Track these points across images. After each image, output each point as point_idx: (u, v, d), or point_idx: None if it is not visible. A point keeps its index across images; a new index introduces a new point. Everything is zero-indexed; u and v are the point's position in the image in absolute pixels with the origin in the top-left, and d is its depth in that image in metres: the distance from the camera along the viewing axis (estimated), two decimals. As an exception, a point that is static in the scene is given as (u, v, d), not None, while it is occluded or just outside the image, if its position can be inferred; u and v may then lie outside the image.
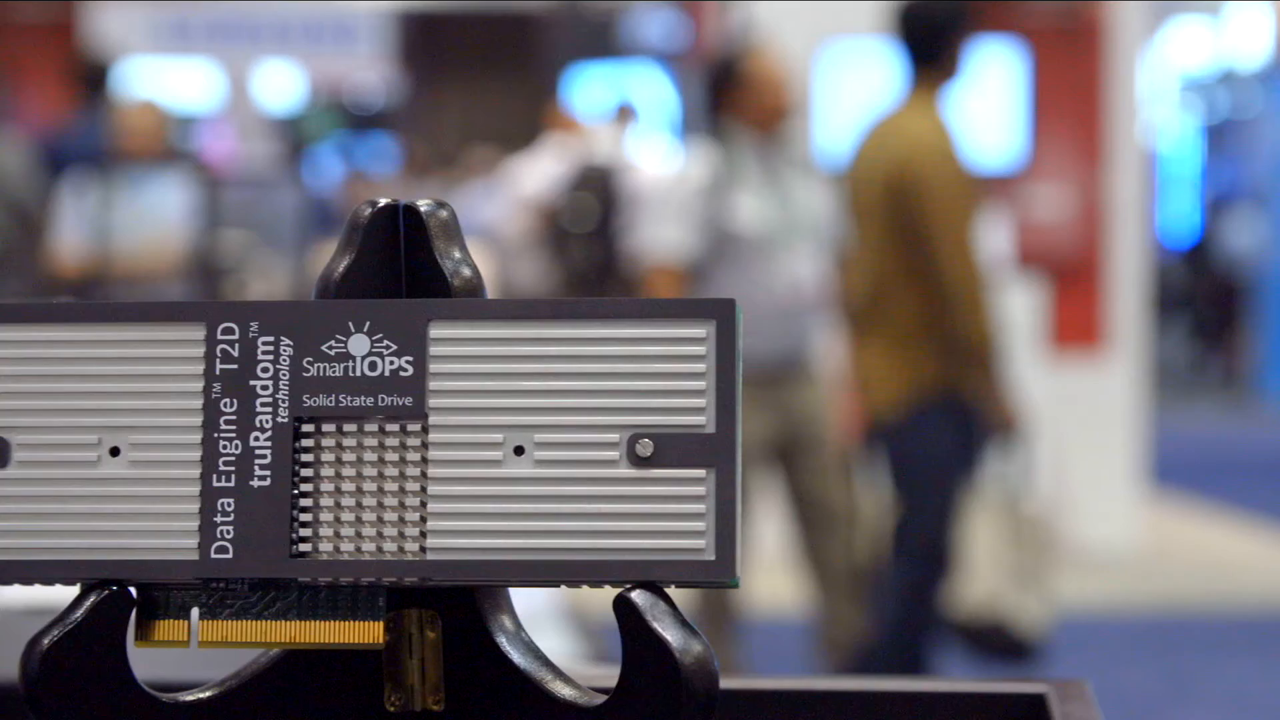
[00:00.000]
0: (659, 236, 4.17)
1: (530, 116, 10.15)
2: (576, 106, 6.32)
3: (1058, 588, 4.15)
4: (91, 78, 6.57)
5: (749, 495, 4.21)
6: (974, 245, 3.72)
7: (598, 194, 5.45)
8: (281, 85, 14.30)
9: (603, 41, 11.81)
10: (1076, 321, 6.40)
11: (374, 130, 14.98)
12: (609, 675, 0.77)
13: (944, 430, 3.75)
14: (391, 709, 0.74)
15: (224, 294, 5.81)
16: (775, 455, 4.22)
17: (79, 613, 0.71)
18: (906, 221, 3.73)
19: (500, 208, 6.45)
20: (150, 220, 5.49)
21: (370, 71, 14.29)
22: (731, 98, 4.14)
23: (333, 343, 0.71)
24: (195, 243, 5.63)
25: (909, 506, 3.82)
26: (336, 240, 0.76)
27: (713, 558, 0.69)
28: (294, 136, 14.29)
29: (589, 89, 10.00)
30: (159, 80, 10.27)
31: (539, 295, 4.59)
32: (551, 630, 2.23)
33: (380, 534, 0.70)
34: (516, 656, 0.73)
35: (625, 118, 5.85)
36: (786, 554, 4.58)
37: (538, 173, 5.66)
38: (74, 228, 5.40)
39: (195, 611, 0.72)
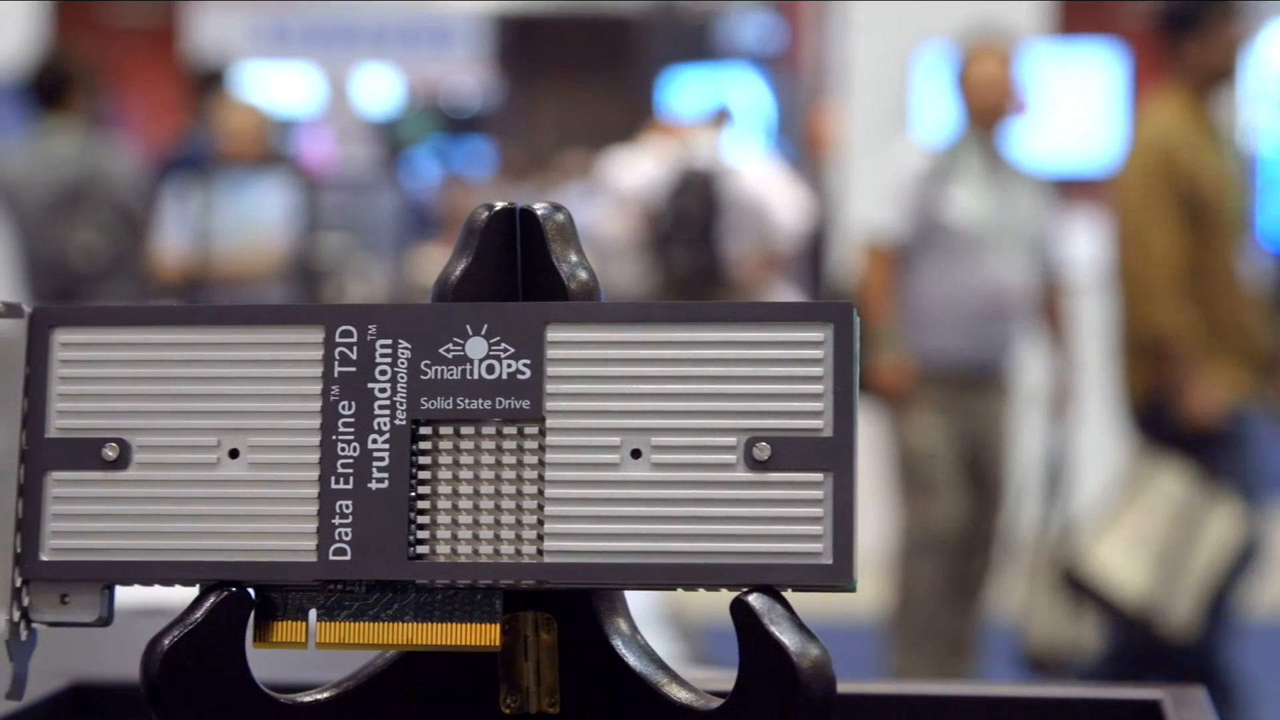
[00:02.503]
0: (874, 215, 4.15)
1: (626, 119, 10.15)
2: (673, 110, 6.32)
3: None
4: (206, 83, 6.61)
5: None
6: (1167, 243, 3.59)
7: (700, 199, 5.44)
8: (379, 89, 14.37)
9: (698, 44, 11.80)
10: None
11: (470, 134, 15.02)
12: (712, 678, 0.77)
13: (1150, 438, 3.67)
14: (507, 711, 0.74)
15: (323, 297, 5.85)
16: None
17: (199, 614, 0.71)
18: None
19: (597, 210, 6.46)
20: (250, 223, 5.52)
21: (467, 75, 14.33)
22: (958, 94, 4.11)
23: (450, 345, 0.71)
24: (295, 245, 5.67)
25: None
26: (434, 243, 0.77)
27: (830, 561, 0.69)
28: (391, 140, 14.35)
29: (685, 92, 10.00)
30: (259, 84, 10.34)
31: (639, 299, 4.59)
32: (651, 632, 2.23)
33: (497, 536, 0.71)
34: (632, 659, 0.73)
35: (722, 121, 5.83)
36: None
37: (637, 172, 5.66)
38: (175, 231, 5.44)
39: (313, 613, 0.72)
